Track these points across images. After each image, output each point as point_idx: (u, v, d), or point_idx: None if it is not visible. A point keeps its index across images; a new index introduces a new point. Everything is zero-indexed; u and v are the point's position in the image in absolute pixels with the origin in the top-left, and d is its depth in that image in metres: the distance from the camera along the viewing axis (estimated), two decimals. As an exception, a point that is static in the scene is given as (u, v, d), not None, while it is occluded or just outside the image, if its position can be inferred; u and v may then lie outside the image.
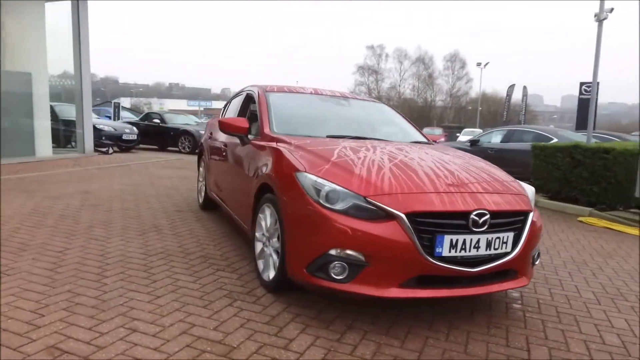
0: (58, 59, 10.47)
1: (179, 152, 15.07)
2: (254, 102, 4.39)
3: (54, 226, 4.35)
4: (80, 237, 4.03)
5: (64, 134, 11.56)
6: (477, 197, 2.61)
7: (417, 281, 2.49)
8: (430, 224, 2.45)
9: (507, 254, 2.64)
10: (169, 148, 15.64)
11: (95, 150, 11.23)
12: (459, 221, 2.50)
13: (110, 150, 11.80)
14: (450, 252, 2.47)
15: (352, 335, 2.51)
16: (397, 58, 53.40)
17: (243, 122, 3.69)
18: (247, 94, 4.52)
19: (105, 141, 12.44)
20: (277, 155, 3.07)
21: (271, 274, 2.97)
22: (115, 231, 4.29)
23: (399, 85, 52.41)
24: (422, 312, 2.85)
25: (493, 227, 2.58)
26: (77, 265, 3.31)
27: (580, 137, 10.29)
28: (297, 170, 2.75)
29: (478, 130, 34.85)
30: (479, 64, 40.07)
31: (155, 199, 6.05)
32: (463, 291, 2.57)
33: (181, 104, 72.63)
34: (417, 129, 4.31)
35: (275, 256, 2.93)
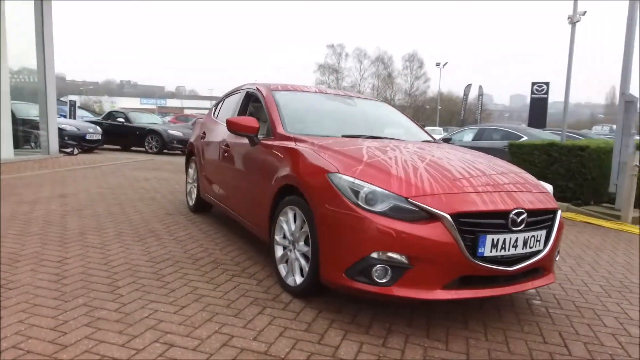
0: (17, 54, 9.82)
1: (146, 152, 14.61)
2: (257, 101, 4.27)
3: (42, 234, 4.05)
4: (74, 244, 3.78)
5: (22, 134, 10.87)
6: (513, 196, 2.62)
7: (459, 282, 2.47)
8: (473, 224, 2.44)
9: (539, 251, 2.67)
10: (133, 148, 15.14)
11: (60, 151, 10.63)
12: (499, 220, 2.50)
13: (75, 151, 11.20)
14: (491, 251, 2.47)
15: (395, 339, 2.46)
16: (357, 57, 53.96)
17: (253, 122, 3.56)
18: (248, 92, 4.38)
19: (69, 141, 11.89)
20: (301, 156, 2.97)
21: (298, 278, 2.88)
22: (110, 237, 4.05)
23: (359, 84, 52.93)
24: (452, 312, 2.84)
25: (529, 226, 2.60)
26: (82, 275, 3.09)
27: (547, 135, 10.71)
28: (329, 171, 2.67)
29: (438, 129, 35.71)
30: (438, 64, 41.06)
31: (140, 202, 5.77)
32: (501, 290, 2.57)
33: (134, 102, 70.21)
34: (422, 127, 4.32)
35: (303, 260, 2.84)
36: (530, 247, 2.60)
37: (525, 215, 2.56)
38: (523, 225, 2.56)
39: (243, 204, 3.74)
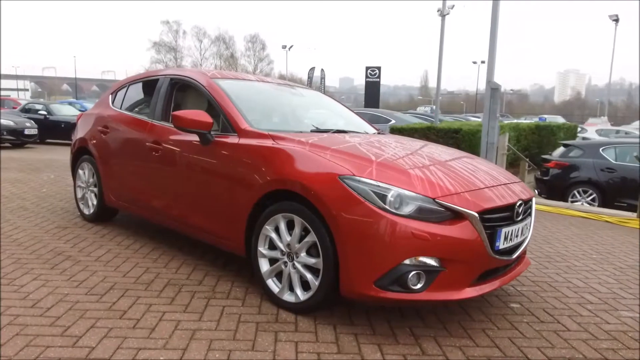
0: None
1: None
2: (185, 90, 3.73)
3: None
4: (-37, 285, 2.82)
5: None
6: (512, 189, 2.73)
7: (479, 277, 2.50)
8: (492, 220, 2.47)
9: (526, 238, 2.85)
10: (50, 140, 13.97)
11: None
12: (507, 213, 2.59)
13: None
14: (503, 244, 2.55)
15: (427, 343, 2.39)
16: (196, 36, 51.29)
17: (206, 117, 3.05)
18: (173, 79, 3.75)
19: (7, 137, 11.57)
20: (294, 157, 2.64)
21: (300, 294, 2.59)
22: (8, 267, 3.13)
23: (200, 64, 50.58)
24: (452, 308, 2.88)
25: (524, 215, 2.75)
26: (16, 328, 2.31)
27: (410, 118, 11.68)
28: (341, 174, 2.43)
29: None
30: (284, 47, 41.46)
31: (10, 214, 4.60)
32: (507, 279, 2.69)
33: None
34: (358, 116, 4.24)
35: (308, 274, 2.56)
36: (523, 235, 2.76)
37: (523, 205, 2.70)
38: (522, 216, 2.70)
39: (197, 213, 3.20)
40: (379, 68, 28.54)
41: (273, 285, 2.74)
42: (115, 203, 4.08)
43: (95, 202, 4.36)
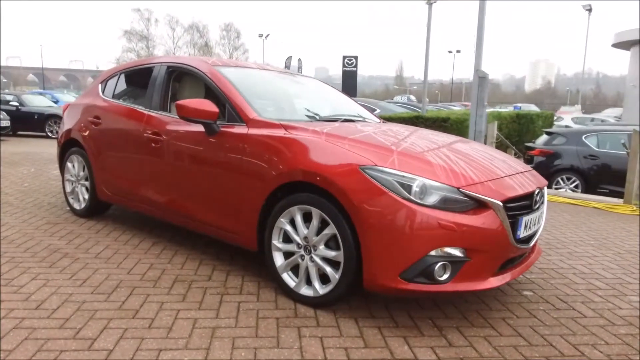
0: None
1: (47, 137, 13.10)
2: (182, 79, 3.60)
3: None
4: (-43, 287, 2.65)
5: None
6: (529, 177, 2.72)
7: (501, 267, 2.48)
8: (514, 208, 2.45)
9: (540, 226, 2.85)
10: (23, 132, 13.58)
11: None
12: (527, 202, 2.57)
13: None
14: (524, 232, 2.53)
15: (451, 334, 2.36)
16: (169, 24, 50.11)
17: (212, 106, 2.93)
18: (170, 67, 3.59)
19: None
20: (310, 147, 2.56)
21: (319, 288, 2.53)
22: (3, 266, 2.96)
23: (174, 53, 49.47)
24: (468, 297, 2.87)
25: (540, 203, 2.74)
26: (24, 332, 2.18)
27: (393, 107, 11.67)
28: (362, 164, 2.36)
29: (264, 101, 35.98)
30: (260, 35, 40.90)
31: (-5, 211, 4.38)
32: (524, 267, 2.68)
33: None
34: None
35: (327, 267, 2.49)
36: (539, 223, 2.76)
37: (540, 193, 2.69)
38: (539, 204, 2.69)
39: (203, 207, 3.08)
40: (355, 57, 28.51)
41: (289, 279, 2.67)
42: (110, 197, 3.91)
43: (86, 197, 4.18)
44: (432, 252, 2.25)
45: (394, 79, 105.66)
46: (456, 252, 2.29)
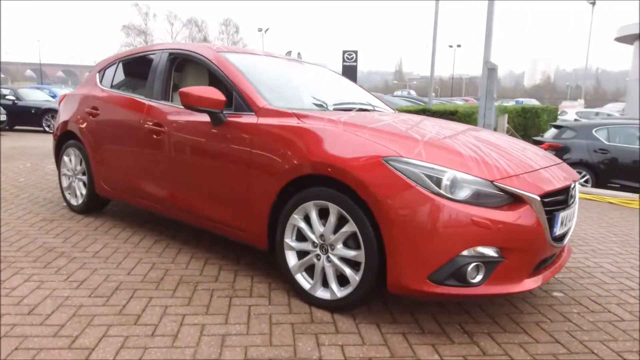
0: None
1: (44, 131, 12.64)
2: (184, 67, 3.39)
3: None
4: (-57, 290, 2.44)
5: None
6: (563, 170, 2.51)
7: (536, 267, 2.28)
8: (551, 204, 2.24)
9: (573, 223, 2.64)
10: (20, 127, 13.18)
11: None
12: (562, 196, 2.36)
13: None
14: (560, 230, 2.33)
15: (483, 341, 2.16)
16: (167, 18, 49.63)
17: (218, 94, 2.71)
18: (173, 54, 3.37)
19: None
20: (326, 137, 2.35)
21: (337, 290, 2.32)
22: (-6, 269, 2.75)
23: (172, 49, 49.02)
24: (495, 299, 2.67)
25: (575, 199, 2.53)
26: (16, 341, 1.97)
27: (399, 102, 11.45)
28: (386, 155, 2.15)
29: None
30: (260, 30, 40.58)
31: (-12, 207, 4.16)
32: (557, 267, 2.47)
33: None
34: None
35: (346, 268, 2.28)
36: (573, 220, 2.56)
37: (574, 188, 2.49)
38: (574, 199, 2.49)
39: (208, 203, 2.87)
40: (355, 52, 28.29)
41: (303, 280, 2.46)
42: (109, 192, 3.70)
43: (84, 192, 3.96)
44: (464, 252, 2.05)
45: (394, 74, 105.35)
46: (490, 251, 2.08)
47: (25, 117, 13.03)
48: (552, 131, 8.83)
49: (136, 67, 3.76)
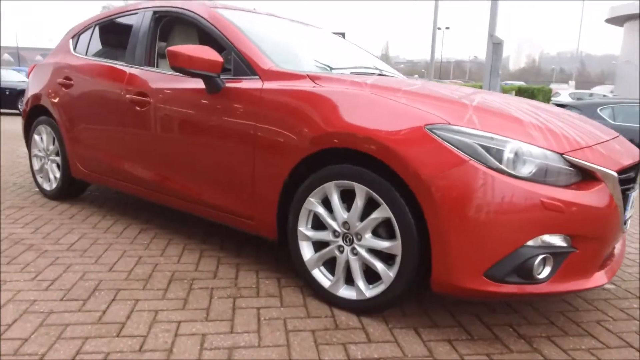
0: None
1: (19, 114, 11.76)
2: (171, 28, 2.94)
3: None
4: None
5: None
6: (624, 144, 2.12)
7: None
8: (623, 182, 1.85)
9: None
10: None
11: None
12: (632, 174, 1.98)
13: None
14: (629, 213, 1.95)
15: (547, 349, 1.78)
16: None
17: (214, 54, 2.25)
18: (158, 13, 2.89)
19: None
20: (352, 102, 1.91)
21: (365, 289, 1.92)
22: (-55, 266, 2.28)
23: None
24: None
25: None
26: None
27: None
28: (432, 122, 1.73)
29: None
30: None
31: (-52, 193, 3.65)
32: (619, 258, 2.09)
33: None
34: None
35: (378, 262, 1.87)
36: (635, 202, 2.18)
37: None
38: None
39: (205, 186, 2.43)
40: (343, 34, 27.72)
41: (321, 276, 2.05)
42: (86, 175, 3.22)
43: (58, 175, 3.48)
44: (530, 242, 1.65)
45: (380, 58, 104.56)
46: (559, 240, 1.69)
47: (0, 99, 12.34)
48: (555, 110, 8.53)
49: (115, 30, 3.25)
